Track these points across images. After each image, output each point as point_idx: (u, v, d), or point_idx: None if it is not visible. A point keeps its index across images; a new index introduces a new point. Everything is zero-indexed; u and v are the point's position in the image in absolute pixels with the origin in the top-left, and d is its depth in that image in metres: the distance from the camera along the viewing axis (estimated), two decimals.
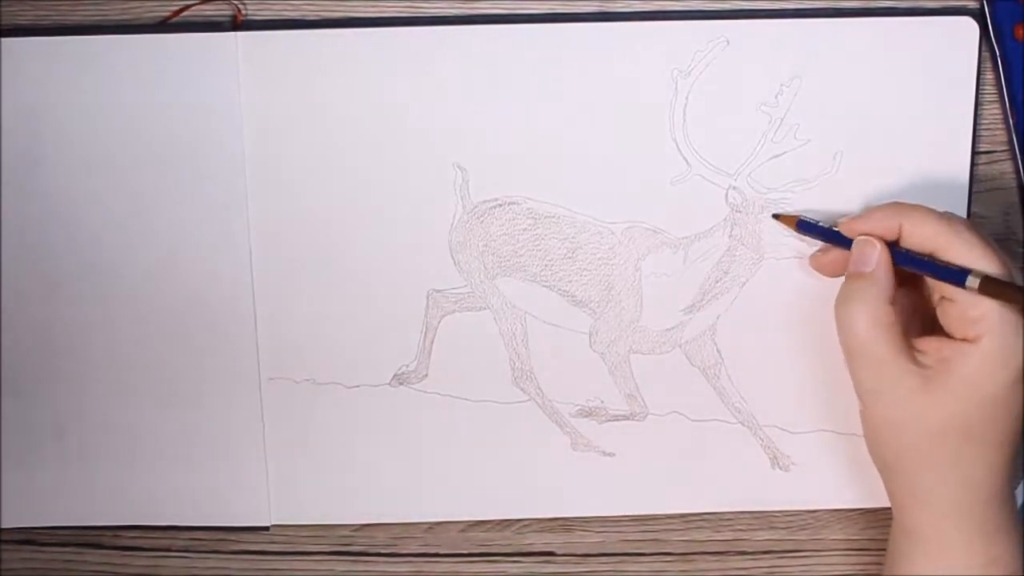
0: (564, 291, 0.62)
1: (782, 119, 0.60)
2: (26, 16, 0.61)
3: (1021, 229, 0.63)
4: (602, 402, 0.63)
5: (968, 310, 0.54)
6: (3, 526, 0.64)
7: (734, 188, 0.61)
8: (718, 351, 0.63)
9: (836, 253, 0.59)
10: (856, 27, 0.60)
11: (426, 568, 0.65)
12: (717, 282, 0.62)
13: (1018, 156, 0.61)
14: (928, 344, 0.56)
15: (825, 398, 0.63)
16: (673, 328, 0.62)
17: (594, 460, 0.64)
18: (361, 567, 0.65)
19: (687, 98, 0.60)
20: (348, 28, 0.60)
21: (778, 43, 0.60)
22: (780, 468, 0.64)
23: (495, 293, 0.62)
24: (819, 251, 0.60)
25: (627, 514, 0.65)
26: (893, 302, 0.56)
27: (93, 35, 0.60)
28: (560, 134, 0.61)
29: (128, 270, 0.62)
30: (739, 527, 0.65)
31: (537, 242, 0.62)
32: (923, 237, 0.56)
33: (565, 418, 0.63)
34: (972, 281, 0.54)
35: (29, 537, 0.65)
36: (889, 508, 0.61)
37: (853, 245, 0.57)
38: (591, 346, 0.63)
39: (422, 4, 0.61)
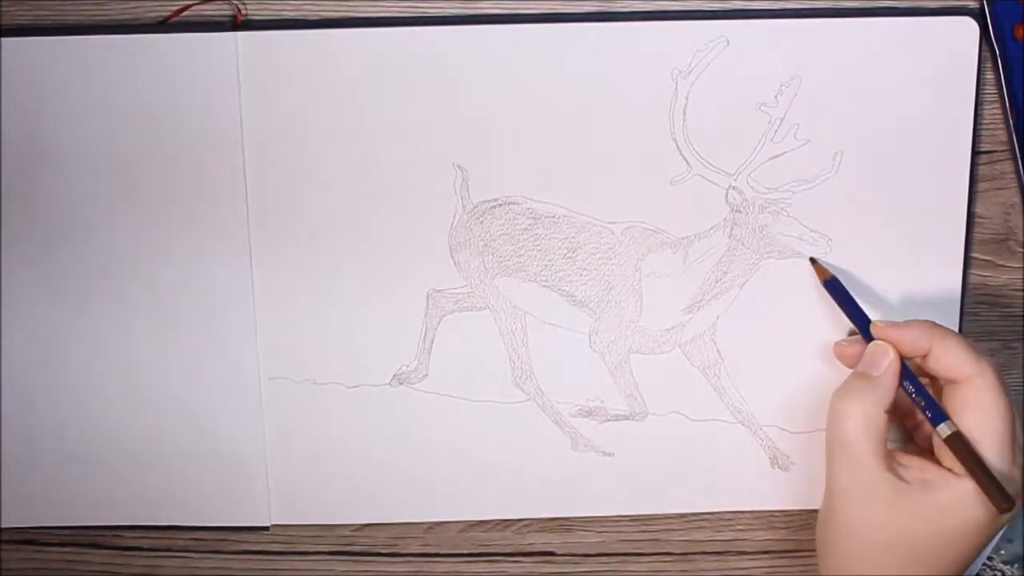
0: (564, 291, 0.62)
1: (782, 119, 0.60)
2: (26, 16, 0.61)
3: (1021, 229, 0.63)
4: (602, 402, 0.63)
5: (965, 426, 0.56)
6: (3, 526, 0.64)
7: (734, 188, 0.61)
8: (718, 351, 0.63)
9: (859, 348, 0.59)
10: (856, 27, 0.60)
11: (426, 568, 0.65)
12: (717, 282, 0.62)
13: (1018, 156, 0.61)
14: (912, 461, 0.57)
15: (825, 398, 0.62)
16: (673, 328, 0.62)
17: (594, 460, 0.64)
18: (361, 567, 0.65)
19: (687, 98, 0.60)
20: (348, 28, 0.60)
21: (778, 43, 0.60)
22: (780, 468, 0.64)
23: (495, 293, 0.62)
24: (845, 342, 0.60)
25: (627, 514, 0.65)
26: (890, 410, 0.57)
27: (93, 35, 0.60)
28: (560, 134, 0.61)
29: (128, 269, 0.62)
30: (739, 527, 0.65)
31: (537, 242, 0.62)
32: (947, 368, 0.56)
33: (565, 418, 0.63)
34: (943, 430, 0.55)
35: (29, 537, 0.65)
36: None
37: (869, 346, 0.58)
38: (591, 346, 0.63)
39: (422, 4, 0.61)
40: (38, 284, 0.62)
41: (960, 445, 0.55)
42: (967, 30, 0.60)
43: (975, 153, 0.61)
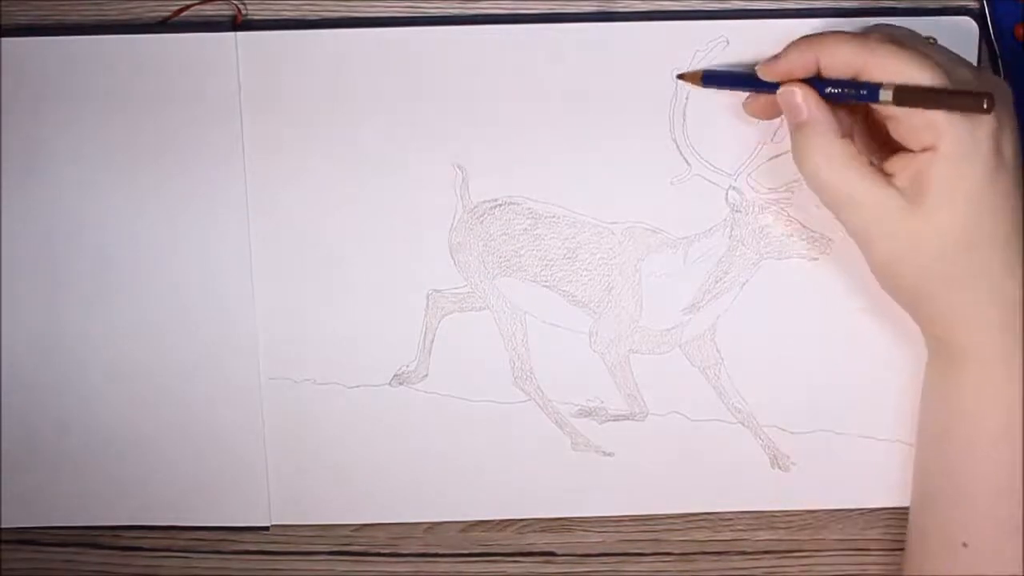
0: (564, 291, 0.62)
1: (782, 119, 0.60)
2: (26, 16, 0.61)
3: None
4: (602, 402, 0.63)
5: (911, 120, 0.52)
6: (3, 526, 0.64)
7: (734, 188, 0.61)
8: (718, 351, 0.63)
9: (765, 98, 0.57)
10: (856, 27, 0.60)
11: (426, 568, 0.65)
12: (717, 282, 0.62)
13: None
14: (896, 163, 0.53)
15: (825, 398, 0.63)
16: (673, 328, 0.62)
17: (594, 460, 0.64)
18: (361, 567, 0.65)
19: (687, 98, 0.60)
20: (348, 28, 0.60)
21: (778, 43, 0.60)
22: (780, 468, 0.64)
23: (495, 293, 0.62)
24: (749, 98, 0.58)
25: (627, 514, 0.65)
26: (846, 134, 0.54)
27: (93, 35, 0.60)
28: (560, 134, 0.61)
29: (128, 270, 0.62)
30: (739, 527, 0.65)
31: (537, 242, 0.62)
32: (842, 63, 0.53)
33: (565, 418, 0.63)
34: (885, 95, 0.52)
35: (29, 537, 0.65)
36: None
37: (779, 99, 0.55)
38: (591, 346, 0.63)
39: (422, 4, 0.61)
40: (38, 284, 0.62)
41: (910, 94, 0.51)
42: (967, 30, 0.60)
43: None
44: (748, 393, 0.63)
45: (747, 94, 0.58)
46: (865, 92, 0.53)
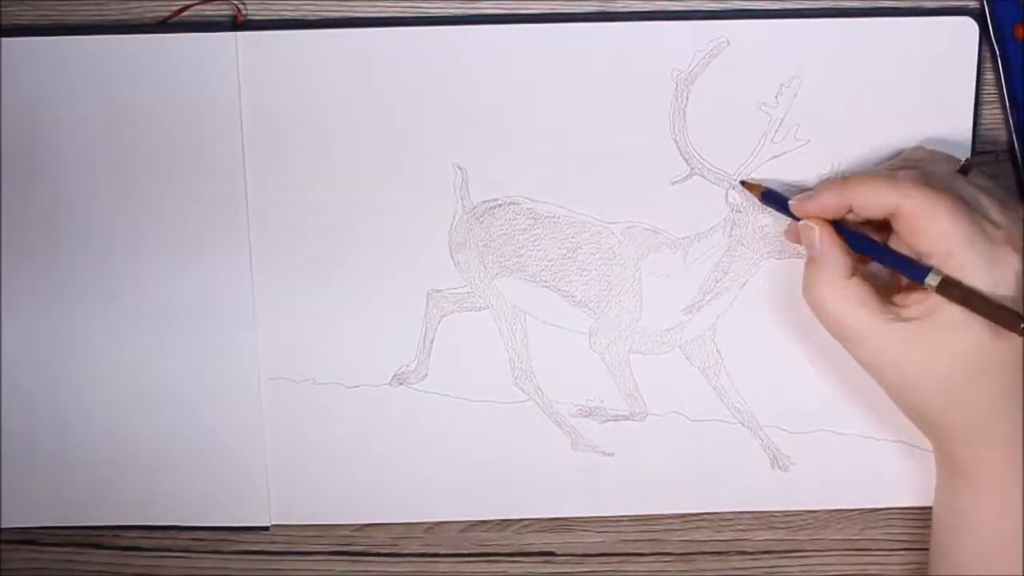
0: (564, 291, 0.62)
1: (782, 119, 0.60)
2: (26, 16, 0.61)
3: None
4: (602, 402, 0.63)
5: (926, 246, 0.54)
6: (3, 526, 0.64)
7: (734, 188, 0.61)
8: (718, 351, 0.63)
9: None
10: (856, 27, 0.60)
11: (426, 568, 0.65)
12: (717, 282, 0.62)
13: (1018, 156, 0.61)
14: (913, 298, 0.55)
15: (825, 398, 0.63)
16: (673, 328, 0.62)
17: (594, 460, 0.64)
18: (361, 567, 0.65)
19: (687, 98, 0.60)
20: (348, 28, 0.60)
21: (778, 43, 0.60)
22: (780, 468, 0.64)
23: (495, 293, 0.62)
24: (790, 227, 0.60)
25: (627, 514, 0.65)
26: (853, 274, 0.55)
27: (93, 35, 0.60)
28: (560, 134, 0.61)
29: (128, 270, 0.62)
30: (739, 527, 0.65)
31: (537, 242, 0.62)
32: (875, 207, 0.55)
33: (565, 418, 0.63)
34: (931, 281, 0.53)
35: (29, 537, 0.65)
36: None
37: (799, 229, 0.57)
38: (591, 346, 0.63)
39: (422, 4, 0.61)
40: (38, 284, 0.62)
41: (952, 288, 0.53)
42: (967, 30, 0.60)
43: (975, 153, 0.61)
44: (748, 393, 0.63)
45: (789, 220, 0.59)
46: (905, 269, 0.55)
